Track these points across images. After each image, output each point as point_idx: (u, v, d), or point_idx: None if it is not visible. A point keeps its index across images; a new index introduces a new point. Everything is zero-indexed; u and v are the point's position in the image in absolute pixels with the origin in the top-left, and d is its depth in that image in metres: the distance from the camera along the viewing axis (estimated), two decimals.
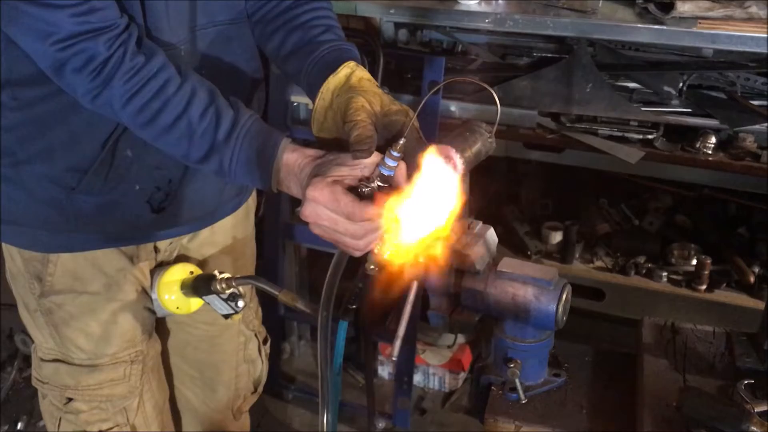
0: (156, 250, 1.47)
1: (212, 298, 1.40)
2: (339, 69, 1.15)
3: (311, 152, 1.10)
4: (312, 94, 1.19)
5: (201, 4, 1.26)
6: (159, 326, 1.59)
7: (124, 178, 1.29)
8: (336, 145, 1.12)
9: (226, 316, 1.43)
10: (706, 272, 2.34)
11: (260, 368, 1.76)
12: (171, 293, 1.45)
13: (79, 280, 1.39)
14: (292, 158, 1.10)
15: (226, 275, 1.38)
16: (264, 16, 1.35)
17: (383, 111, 1.10)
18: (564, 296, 1.33)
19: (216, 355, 1.68)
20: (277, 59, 1.34)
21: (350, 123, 1.06)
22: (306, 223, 1.06)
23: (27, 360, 2.72)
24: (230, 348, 1.69)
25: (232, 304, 1.39)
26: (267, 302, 2.75)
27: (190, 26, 1.26)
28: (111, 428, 1.47)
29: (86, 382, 1.44)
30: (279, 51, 1.32)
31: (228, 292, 1.38)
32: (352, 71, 1.15)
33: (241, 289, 1.40)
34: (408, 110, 1.10)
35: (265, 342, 1.76)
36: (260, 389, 1.79)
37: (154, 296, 1.46)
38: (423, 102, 2.17)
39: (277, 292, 1.29)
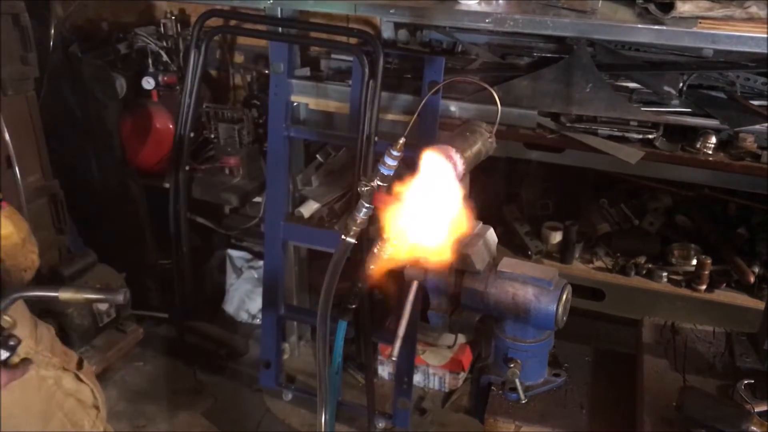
0: None
1: None
2: None
3: None
4: None
5: None
6: None
7: None
8: None
9: (5, 362, 1.16)
10: (706, 272, 2.34)
11: (88, 391, 1.63)
12: None
13: None
14: None
15: None
16: None
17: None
18: (564, 296, 1.33)
19: (33, 411, 1.54)
20: None
21: None
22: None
23: None
24: (43, 397, 1.55)
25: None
26: (267, 302, 2.75)
27: None
28: None
29: None
30: None
31: None
32: None
33: (8, 318, 1.17)
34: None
35: (80, 365, 1.62)
36: (103, 408, 1.66)
37: None
38: (423, 102, 2.17)
39: (55, 293, 1.16)
